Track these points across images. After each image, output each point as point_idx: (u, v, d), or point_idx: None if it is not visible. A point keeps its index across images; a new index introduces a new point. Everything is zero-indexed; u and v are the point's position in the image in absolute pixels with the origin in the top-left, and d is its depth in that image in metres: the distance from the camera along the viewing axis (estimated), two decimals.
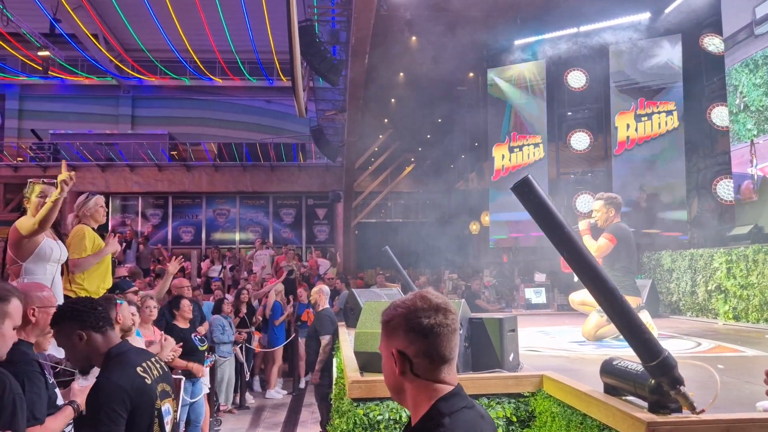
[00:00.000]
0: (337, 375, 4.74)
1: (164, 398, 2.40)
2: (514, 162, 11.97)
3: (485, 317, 3.45)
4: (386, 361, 1.42)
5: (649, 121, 10.32)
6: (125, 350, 2.36)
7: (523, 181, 2.16)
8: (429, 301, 1.38)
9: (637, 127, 10.43)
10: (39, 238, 3.63)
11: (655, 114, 10.29)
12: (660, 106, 10.27)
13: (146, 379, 2.31)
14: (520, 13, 11.25)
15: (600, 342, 4.98)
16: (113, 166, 20.27)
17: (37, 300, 2.66)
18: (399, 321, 1.38)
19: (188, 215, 21.09)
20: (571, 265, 2.24)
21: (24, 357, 2.49)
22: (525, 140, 11.85)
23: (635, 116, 10.46)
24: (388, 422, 3.07)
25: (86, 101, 23.79)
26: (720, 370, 2.31)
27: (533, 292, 9.47)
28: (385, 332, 1.42)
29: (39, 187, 3.75)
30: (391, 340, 1.40)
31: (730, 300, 6.47)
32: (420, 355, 1.36)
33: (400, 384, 1.39)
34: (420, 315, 1.36)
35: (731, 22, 8.52)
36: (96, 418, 2.15)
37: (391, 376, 1.41)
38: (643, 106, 10.39)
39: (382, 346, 1.43)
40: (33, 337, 2.66)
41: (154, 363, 2.44)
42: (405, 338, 1.37)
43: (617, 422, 2.31)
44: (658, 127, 10.25)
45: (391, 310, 1.42)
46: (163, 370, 2.47)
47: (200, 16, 18.48)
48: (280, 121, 23.79)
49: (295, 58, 9.16)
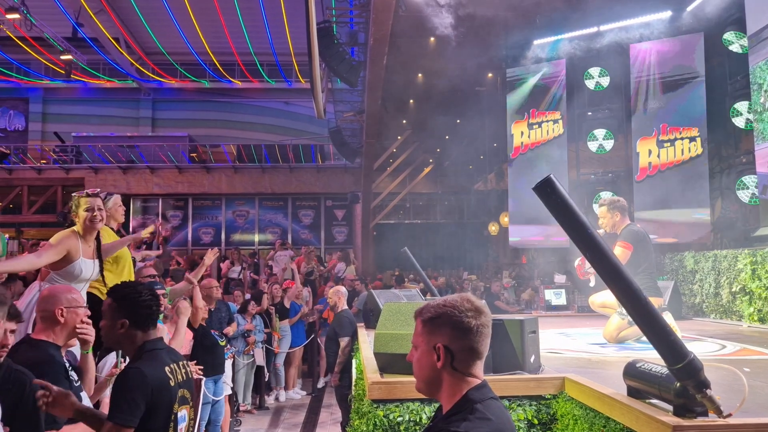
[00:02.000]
0: (357, 376, 4.74)
1: (182, 404, 2.40)
2: (533, 139, 11.81)
3: (506, 318, 3.43)
4: (424, 355, 1.55)
5: (672, 147, 10.04)
6: (159, 348, 2.39)
7: (545, 180, 2.14)
8: (473, 303, 1.55)
9: (659, 153, 10.15)
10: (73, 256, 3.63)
11: (678, 140, 10.01)
12: (683, 132, 9.97)
13: (170, 380, 2.32)
14: (539, 13, 11.17)
15: (621, 344, 4.92)
16: (134, 168, 20.53)
17: (65, 301, 2.68)
18: (447, 319, 1.52)
19: (208, 216, 21.28)
20: (594, 266, 2.22)
21: (50, 359, 2.51)
22: (544, 116, 11.71)
23: (657, 142, 10.17)
24: (408, 424, 3.06)
25: (108, 104, 24.15)
26: (746, 374, 2.26)
27: (553, 293, 9.38)
28: (429, 328, 1.55)
29: (84, 201, 3.73)
30: (434, 336, 1.53)
31: (755, 302, 6.35)
32: (462, 351, 1.51)
33: (438, 376, 1.53)
34: (467, 315, 1.52)
35: (755, 19, 8.36)
36: (116, 403, 2.17)
37: (429, 369, 1.54)
38: (665, 132, 10.10)
39: (421, 341, 1.56)
40: (62, 339, 2.67)
41: (181, 367, 2.46)
42: (451, 335, 1.51)
43: (641, 425, 2.28)
44: (681, 154, 9.96)
45: (438, 308, 1.55)
46: (186, 376, 2.48)
47: (219, 18, 18.65)
48: (299, 122, 23.92)
49: (314, 59, 9.20)
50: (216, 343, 5.66)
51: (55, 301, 2.66)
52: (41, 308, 2.67)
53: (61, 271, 3.65)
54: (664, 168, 10.09)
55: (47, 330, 2.64)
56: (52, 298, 2.69)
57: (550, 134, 11.62)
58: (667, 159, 10.08)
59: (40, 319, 2.67)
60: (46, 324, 2.64)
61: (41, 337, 2.62)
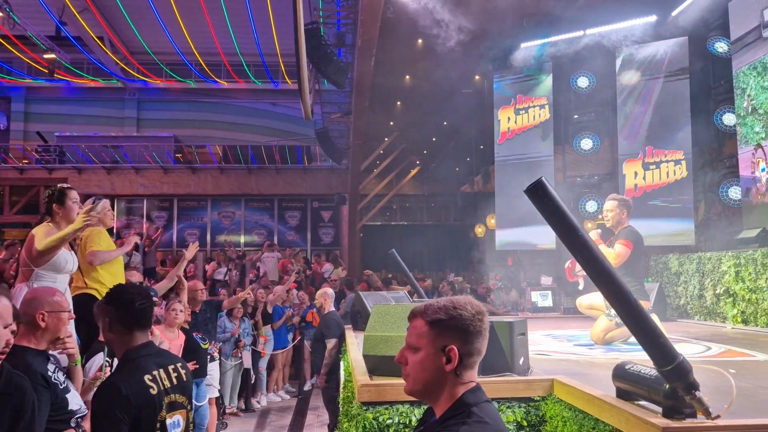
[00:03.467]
0: (345, 378, 4.73)
1: (173, 410, 2.32)
2: (519, 124, 11.87)
3: (495, 320, 3.43)
4: (429, 357, 1.50)
5: (657, 170, 10.16)
6: (141, 355, 2.30)
7: (537, 183, 2.14)
8: (477, 306, 1.53)
9: (645, 176, 10.26)
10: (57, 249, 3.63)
11: (663, 163, 10.12)
12: (668, 155, 10.08)
13: (151, 389, 2.23)
14: (526, 16, 11.23)
15: (609, 346, 4.95)
16: (118, 169, 20.34)
17: (47, 304, 2.60)
18: (458, 321, 1.50)
19: (193, 217, 21.14)
20: (585, 268, 2.22)
21: (26, 368, 2.40)
22: (531, 102, 11.78)
23: (643, 164, 10.27)
24: (398, 426, 3.05)
25: (92, 104, 23.89)
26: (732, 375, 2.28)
27: (539, 295, 9.44)
28: (437, 330, 1.50)
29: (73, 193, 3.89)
30: (443, 338, 1.49)
31: (739, 304, 6.43)
32: (472, 354, 1.50)
33: (443, 379, 1.49)
34: (475, 318, 1.51)
35: (739, 25, 8.49)
36: (97, 424, 2.13)
37: (434, 371, 1.49)
38: (651, 154, 10.20)
39: (426, 343, 1.50)
40: (44, 344, 2.60)
41: (172, 372, 2.37)
42: (462, 338, 1.49)
43: (631, 427, 2.29)
44: (666, 176, 10.08)
45: (449, 309, 1.51)
46: (180, 380, 2.39)
47: (206, 19, 18.53)
48: (286, 123, 23.83)
49: (302, 60, 9.17)
50: (198, 347, 5.59)
51: (36, 305, 2.58)
52: (22, 311, 2.57)
53: (47, 264, 3.63)
54: (650, 190, 10.19)
55: (28, 335, 2.55)
56: (33, 301, 2.61)
57: (537, 119, 11.67)
58: (653, 181, 10.18)
59: (21, 324, 2.57)
60: (26, 328, 2.55)
61: (22, 342, 2.53)
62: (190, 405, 2.46)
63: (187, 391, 2.46)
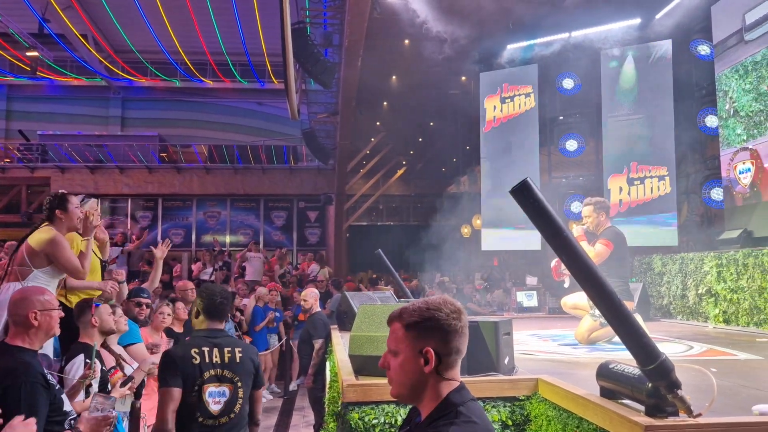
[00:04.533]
0: (331, 378, 4.72)
1: (218, 381, 2.96)
2: (505, 113, 11.92)
3: (481, 320, 3.45)
4: (409, 360, 1.50)
5: (642, 185, 10.26)
6: (200, 336, 3.06)
7: (522, 184, 2.16)
8: (454, 305, 1.53)
9: (630, 191, 10.35)
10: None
11: (648, 178, 10.23)
12: (653, 170, 10.19)
13: (194, 359, 2.93)
14: (512, 18, 11.30)
15: (593, 345, 4.99)
16: (102, 168, 20.14)
17: (38, 303, 2.58)
18: (434, 322, 1.50)
19: (178, 217, 20.99)
20: (569, 268, 2.24)
21: (27, 369, 2.40)
22: (516, 90, 11.82)
23: (628, 180, 10.37)
24: (384, 426, 3.05)
25: (75, 102, 23.63)
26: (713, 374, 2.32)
27: (525, 295, 9.48)
28: (414, 332, 1.50)
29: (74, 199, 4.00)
30: (420, 340, 1.49)
31: (720, 303, 6.51)
32: (449, 354, 1.50)
33: (424, 380, 1.49)
34: (452, 317, 1.51)
35: (721, 28, 8.60)
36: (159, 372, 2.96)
37: (415, 374, 1.49)
38: (635, 170, 10.30)
39: (405, 347, 1.51)
40: (38, 343, 2.58)
41: (226, 352, 3.01)
42: (439, 338, 1.49)
43: (614, 426, 2.31)
44: (651, 192, 10.19)
45: (423, 311, 1.51)
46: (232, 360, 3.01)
47: (191, 17, 18.41)
48: (272, 123, 23.73)
49: (288, 60, 9.15)
50: None
51: (27, 304, 2.56)
52: (13, 312, 2.56)
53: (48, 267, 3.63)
54: (635, 205, 10.30)
55: (21, 335, 2.54)
56: (24, 301, 2.59)
57: (522, 107, 11.74)
58: (637, 197, 10.29)
59: (12, 324, 2.57)
60: (19, 329, 2.54)
61: (16, 342, 2.52)
62: (242, 382, 3.03)
63: (239, 370, 3.03)
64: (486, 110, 12.16)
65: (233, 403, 2.99)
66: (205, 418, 2.92)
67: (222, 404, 2.96)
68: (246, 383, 3.06)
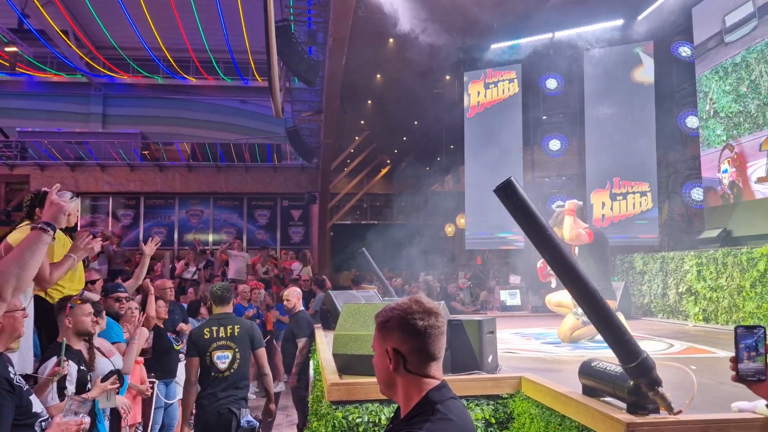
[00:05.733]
0: (315, 378, 4.71)
1: (223, 349, 4.29)
2: (489, 98, 11.96)
3: (464, 319, 3.45)
4: (380, 358, 1.56)
5: (624, 201, 10.35)
6: (210, 319, 4.54)
7: (506, 183, 2.16)
8: (423, 305, 1.54)
9: (612, 206, 10.43)
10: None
11: (630, 194, 10.32)
12: (635, 186, 10.28)
13: (205, 335, 4.30)
14: (497, 17, 11.34)
15: (575, 343, 5.03)
16: (83, 166, 19.90)
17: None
18: (395, 322, 1.53)
19: (160, 216, 20.80)
20: (553, 267, 2.25)
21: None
22: (500, 76, 11.87)
23: (610, 195, 10.46)
24: (368, 425, 3.05)
25: (55, 99, 23.29)
26: (693, 371, 2.34)
27: (508, 294, 9.52)
28: (381, 332, 1.56)
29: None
30: (386, 339, 1.54)
31: (700, 302, 6.60)
32: (413, 353, 1.51)
33: (393, 379, 1.54)
34: (415, 317, 1.51)
35: (702, 30, 8.71)
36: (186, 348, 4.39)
37: (384, 372, 1.56)
38: (618, 185, 10.39)
39: (376, 344, 1.58)
40: (1, 346, 2.52)
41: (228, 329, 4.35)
42: (400, 337, 1.52)
43: (596, 423, 2.33)
44: (633, 208, 10.28)
45: (388, 312, 1.56)
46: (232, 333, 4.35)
47: (174, 13, 18.23)
48: (255, 121, 23.59)
49: (272, 57, 9.10)
50: (171, 348, 5.52)
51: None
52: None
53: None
54: (617, 220, 10.38)
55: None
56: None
57: (506, 93, 11.78)
58: (620, 212, 10.38)
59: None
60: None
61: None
62: (240, 348, 4.32)
63: (237, 340, 4.33)
64: (470, 95, 12.21)
65: (233, 362, 4.30)
66: (216, 373, 4.25)
67: (226, 363, 4.27)
68: (244, 348, 4.35)
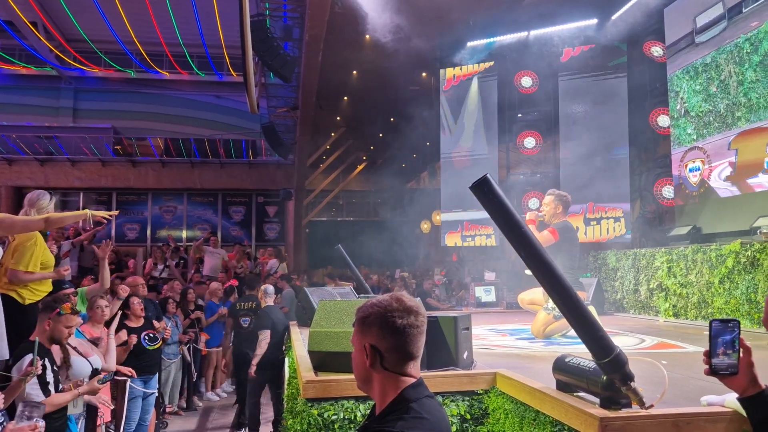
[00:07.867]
0: (290, 375, 4.68)
1: (243, 315, 7.09)
2: (465, 72, 12.31)
3: (440, 315, 3.46)
4: (358, 354, 1.57)
5: (598, 226, 10.52)
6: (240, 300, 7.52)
7: (482, 180, 2.17)
8: (403, 303, 1.54)
9: (587, 231, 10.59)
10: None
11: (604, 219, 10.51)
12: (609, 212, 10.49)
13: (237, 306, 7.29)
14: (472, 15, 11.38)
15: (549, 339, 5.07)
16: (53, 160, 19.50)
17: None
18: (375, 319, 1.52)
19: (133, 212, 20.49)
20: (527, 263, 2.26)
21: None
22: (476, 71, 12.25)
23: (585, 220, 10.62)
24: (343, 422, 3.04)
25: (24, 92, 22.78)
26: (664, 366, 2.38)
27: (483, 290, 9.58)
28: (360, 327, 1.56)
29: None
30: (365, 335, 1.54)
31: (671, 298, 6.72)
32: (391, 351, 1.51)
33: (369, 375, 1.54)
34: (394, 315, 1.51)
35: (673, 31, 8.86)
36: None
37: (361, 368, 1.56)
38: (592, 211, 10.56)
39: (355, 340, 1.58)
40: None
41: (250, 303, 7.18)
42: (378, 334, 1.51)
43: (570, 418, 2.35)
44: (607, 233, 10.47)
45: (368, 308, 1.56)
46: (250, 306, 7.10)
47: (147, 6, 17.94)
48: (230, 117, 23.37)
49: (247, 52, 9.00)
50: (143, 350, 5.42)
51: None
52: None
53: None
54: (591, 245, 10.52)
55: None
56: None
57: (482, 66, 12.14)
58: (593, 237, 10.56)
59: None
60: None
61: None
62: (255, 315, 6.82)
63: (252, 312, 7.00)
64: (446, 72, 12.53)
65: (251, 324, 6.84)
66: (241, 329, 7.03)
67: (247, 324, 6.96)
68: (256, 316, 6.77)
